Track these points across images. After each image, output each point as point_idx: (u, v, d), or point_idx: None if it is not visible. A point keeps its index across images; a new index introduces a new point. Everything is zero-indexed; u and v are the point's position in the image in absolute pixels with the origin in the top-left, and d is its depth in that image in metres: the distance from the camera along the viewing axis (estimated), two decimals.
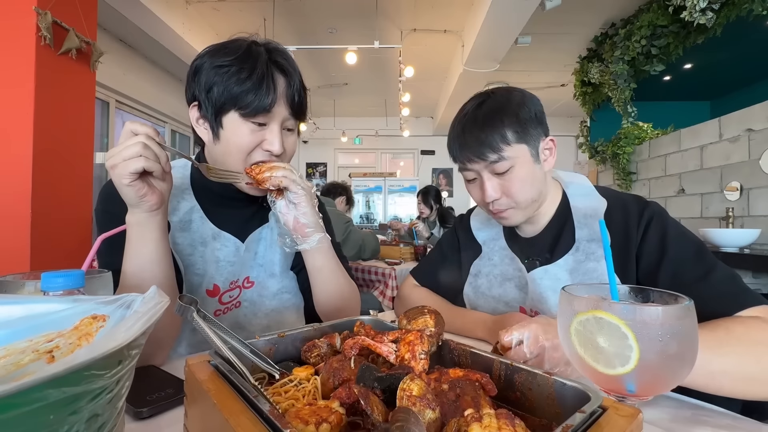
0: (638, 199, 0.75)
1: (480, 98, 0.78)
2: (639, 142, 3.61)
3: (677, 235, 0.69)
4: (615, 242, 0.70)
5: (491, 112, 0.74)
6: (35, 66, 1.98)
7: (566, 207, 0.80)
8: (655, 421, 0.49)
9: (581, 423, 0.28)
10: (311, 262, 0.76)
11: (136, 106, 4.42)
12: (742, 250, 2.05)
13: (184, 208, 0.74)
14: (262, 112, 0.66)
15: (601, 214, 0.74)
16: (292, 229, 0.72)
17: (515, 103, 0.74)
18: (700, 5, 2.66)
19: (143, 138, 0.55)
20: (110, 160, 0.55)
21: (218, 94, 0.65)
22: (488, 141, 0.72)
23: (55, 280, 0.43)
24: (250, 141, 0.68)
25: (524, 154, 0.74)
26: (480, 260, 0.91)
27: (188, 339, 0.76)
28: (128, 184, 0.55)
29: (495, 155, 0.72)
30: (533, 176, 0.75)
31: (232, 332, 0.40)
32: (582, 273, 0.73)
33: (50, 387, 0.20)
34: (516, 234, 0.87)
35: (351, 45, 3.72)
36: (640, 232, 0.71)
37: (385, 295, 2.46)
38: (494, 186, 0.75)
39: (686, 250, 0.67)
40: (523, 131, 0.73)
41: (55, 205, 2.11)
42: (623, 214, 0.73)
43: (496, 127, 0.72)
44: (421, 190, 3.71)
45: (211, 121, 0.68)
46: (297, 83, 0.70)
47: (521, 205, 0.76)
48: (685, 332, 0.36)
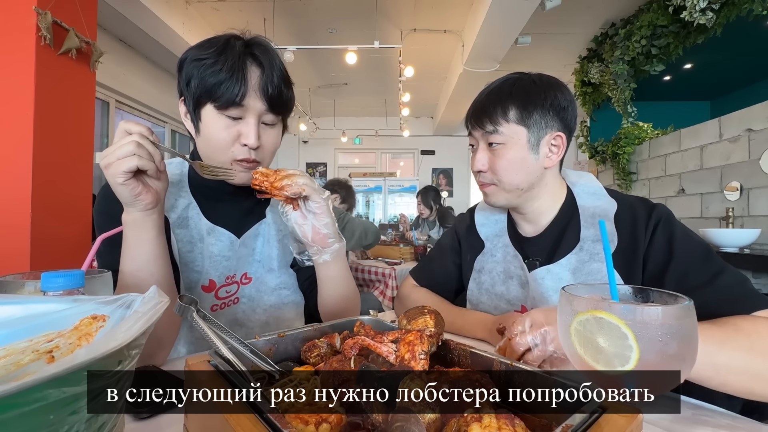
0: (645, 202, 0.74)
1: (513, 74, 0.79)
2: (639, 142, 3.61)
3: (684, 239, 0.68)
4: (622, 245, 0.70)
5: (507, 87, 0.75)
6: (35, 66, 1.98)
7: (572, 206, 0.79)
8: (655, 421, 0.49)
9: (581, 423, 0.28)
10: (325, 272, 0.75)
11: (136, 106, 4.42)
12: (742, 250, 2.05)
13: (181, 205, 0.74)
14: (234, 105, 0.65)
15: (611, 215, 0.73)
16: (311, 240, 0.68)
17: (535, 86, 0.74)
18: (700, 5, 2.66)
19: (137, 137, 0.55)
20: (104, 159, 0.55)
21: (195, 87, 0.66)
22: (489, 111, 0.74)
23: (55, 280, 0.43)
24: (226, 135, 0.66)
25: (521, 137, 0.74)
26: (483, 256, 0.90)
27: (186, 337, 0.76)
28: (122, 183, 0.54)
29: (491, 126, 0.74)
30: (524, 162, 0.75)
31: (231, 332, 0.40)
32: (585, 273, 0.72)
33: (50, 387, 0.20)
34: (518, 233, 0.86)
35: (351, 45, 3.72)
36: (647, 235, 0.70)
37: (385, 295, 2.46)
38: (483, 157, 0.77)
39: (693, 253, 0.66)
40: (528, 115, 0.73)
41: (55, 205, 2.11)
42: (631, 217, 0.72)
43: (502, 101, 0.74)
44: (421, 190, 3.70)
45: (191, 115, 0.69)
46: (274, 76, 0.68)
47: (504, 186, 0.77)
48: (685, 332, 0.36)
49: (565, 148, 0.77)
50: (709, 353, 0.50)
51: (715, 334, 0.52)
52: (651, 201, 0.75)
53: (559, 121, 0.75)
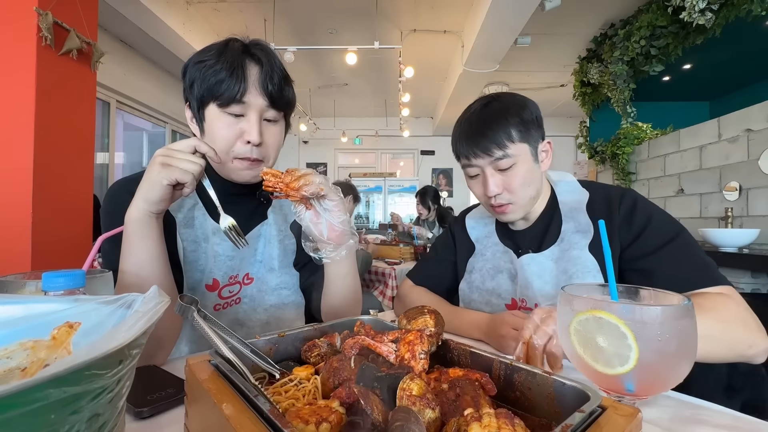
0: (618, 188, 0.82)
1: (486, 99, 0.83)
2: (638, 142, 3.61)
3: (644, 208, 0.76)
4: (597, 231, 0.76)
5: (499, 112, 0.79)
6: (36, 66, 1.98)
7: (554, 203, 0.86)
8: (654, 420, 0.49)
9: (581, 422, 0.28)
10: (337, 270, 0.75)
11: (137, 107, 4.42)
12: (741, 250, 2.05)
13: (187, 205, 0.75)
14: (236, 102, 0.67)
15: (584, 204, 0.81)
16: (327, 237, 0.67)
17: (519, 106, 0.80)
18: (700, 6, 2.66)
19: (202, 162, 0.60)
20: (167, 158, 0.58)
21: (198, 88, 0.68)
22: (495, 138, 0.77)
23: (55, 279, 0.43)
24: (229, 133, 0.69)
25: (526, 153, 0.79)
26: (474, 258, 0.95)
27: (188, 336, 0.77)
28: (166, 185, 0.57)
29: (500, 152, 0.77)
30: (532, 174, 0.80)
31: (232, 332, 0.40)
32: (566, 260, 0.79)
33: (51, 387, 0.20)
34: (508, 228, 0.92)
35: (351, 45, 3.72)
36: (620, 215, 0.76)
37: (385, 295, 2.46)
38: (497, 182, 0.79)
39: (651, 220, 0.74)
40: (526, 131, 0.78)
41: (56, 205, 2.11)
42: (605, 201, 0.80)
43: (503, 125, 0.77)
44: (419, 190, 3.70)
45: (196, 116, 0.71)
46: (274, 73, 0.70)
47: (520, 202, 0.81)
48: (684, 332, 0.36)
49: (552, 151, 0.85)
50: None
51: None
52: (623, 187, 0.83)
53: (541, 130, 0.82)
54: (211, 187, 0.65)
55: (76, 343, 0.34)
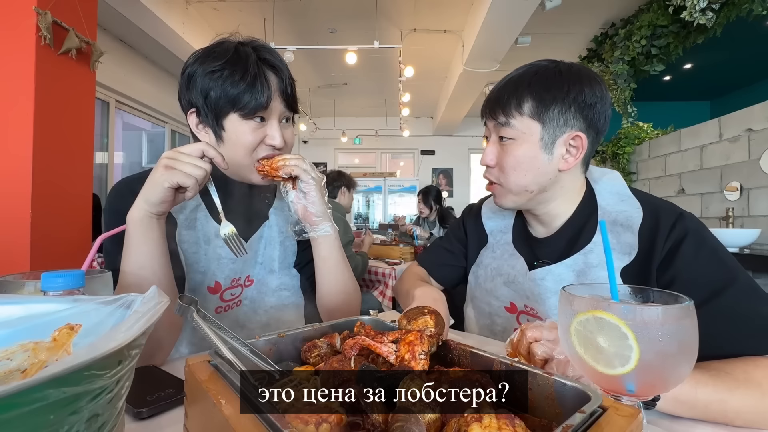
0: (672, 210, 0.66)
1: (542, 61, 0.72)
2: (639, 142, 3.61)
3: (710, 255, 0.61)
4: (639, 256, 0.64)
5: (528, 77, 0.69)
6: (35, 66, 1.98)
7: (590, 204, 0.73)
8: (655, 421, 0.49)
9: (581, 423, 0.28)
10: (317, 252, 0.78)
11: (136, 106, 4.42)
12: (742, 250, 2.05)
13: (189, 207, 0.75)
14: (261, 110, 0.69)
15: (636, 227, 0.65)
16: (302, 217, 0.75)
17: (559, 78, 0.67)
18: (700, 5, 2.66)
19: (208, 168, 0.60)
20: (172, 161, 0.58)
21: (216, 99, 0.68)
22: (504, 102, 0.69)
23: (55, 280, 0.43)
24: (253, 139, 0.70)
25: (534, 134, 0.67)
26: (485, 250, 0.88)
27: (188, 338, 0.76)
28: (167, 187, 0.57)
29: (504, 118, 0.69)
30: (533, 162, 0.68)
31: (232, 332, 0.40)
32: (592, 279, 0.67)
33: (50, 387, 0.20)
34: (528, 232, 0.81)
35: (351, 45, 3.72)
36: (665, 248, 0.63)
37: (385, 295, 2.46)
38: (493, 151, 0.72)
39: (714, 277, 0.59)
40: (544, 109, 0.66)
41: (55, 205, 2.11)
42: (653, 226, 0.65)
43: (519, 92, 0.68)
44: (422, 190, 3.70)
45: (212, 126, 0.70)
46: (287, 77, 0.73)
47: (508, 186, 0.71)
48: (685, 332, 0.36)
49: (585, 150, 0.68)
50: (722, 401, 0.49)
51: (725, 381, 0.50)
52: (679, 209, 0.66)
53: (581, 120, 0.67)
54: (216, 193, 0.66)
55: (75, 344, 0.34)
